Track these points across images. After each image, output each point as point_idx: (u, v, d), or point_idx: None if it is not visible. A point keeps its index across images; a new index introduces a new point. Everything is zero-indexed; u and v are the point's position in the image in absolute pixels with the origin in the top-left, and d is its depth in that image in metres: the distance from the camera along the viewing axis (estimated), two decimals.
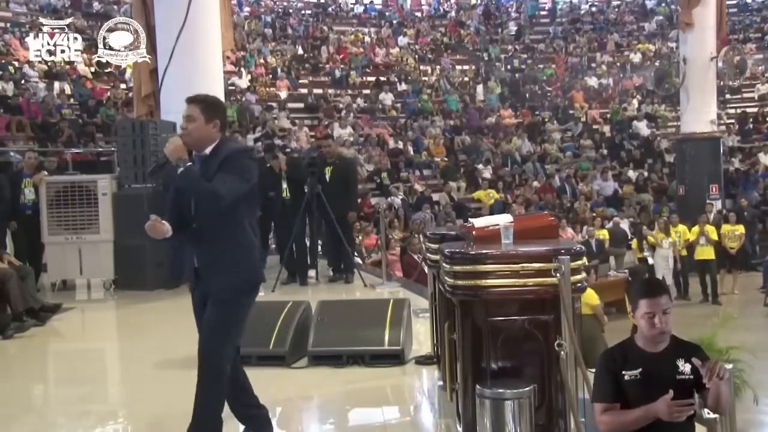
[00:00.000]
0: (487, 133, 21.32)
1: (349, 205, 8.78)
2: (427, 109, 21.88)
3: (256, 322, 5.30)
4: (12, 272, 6.69)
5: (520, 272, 3.14)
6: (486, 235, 3.60)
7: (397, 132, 20.58)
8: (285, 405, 4.66)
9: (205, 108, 3.40)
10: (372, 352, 5.06)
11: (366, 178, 17.31)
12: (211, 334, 3.39)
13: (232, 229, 3.41)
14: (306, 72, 22.90)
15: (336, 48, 24.17)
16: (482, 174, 18.70)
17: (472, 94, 23.46)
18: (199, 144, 3.41)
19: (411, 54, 25.05)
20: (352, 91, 22.27)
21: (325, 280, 8.67)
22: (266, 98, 20.59)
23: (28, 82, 16.55)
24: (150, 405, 4.67)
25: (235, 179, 3.33)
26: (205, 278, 3.43)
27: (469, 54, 26.30)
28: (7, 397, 5.06)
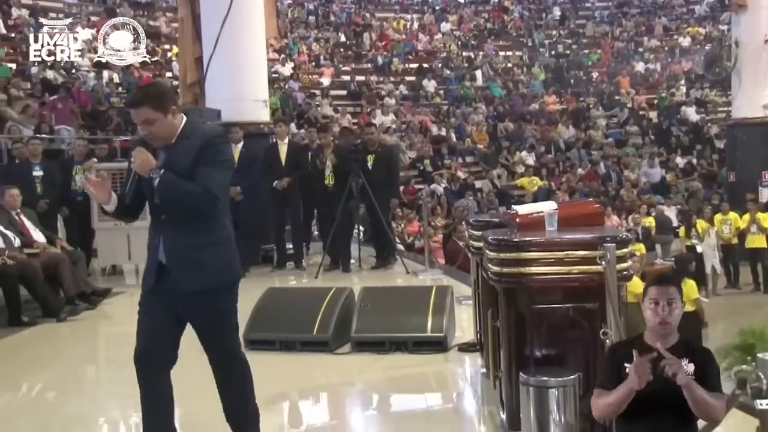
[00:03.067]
0: (531, 119, 21.10)
1: (391, 192, 8.79)
2: (469, 95, 21.74)
3: (300, 309, 5.39)
4: (64, 257, 6.86)
5: (565, 260, 3.12)
6: (530, 223, 3.58)
7: (440, 119, 20.50)
8: (328, 390, 4.70)
9: (155, 103, 3.03)
10: (415, 338, 5.07)
11: (408, 166, 17.29)
12: (222, 338, 3.25)
13: (208, 224, 3.10)
14: (348, 59, 22.92)
15: (378, 35, 24.13)
16: (525, 161, 18.54)
17: (516, 81, 23.22)
18: (167, 140, 3.09)
19: (454, 40, 24.87)
20: (395, 78, 22.23)
21: (367, 267, 8.70)
22: (309, 86, 20.68)
23: (78, 71, 16.88)
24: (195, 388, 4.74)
25: (221, 171, 3.09)
26: (175, 276, 3.09)
27: (513, 40, 26.01)
28: (59, 377, 5.21)
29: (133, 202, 3.21)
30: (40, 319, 6.47)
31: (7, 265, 6.36)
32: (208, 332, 3.21)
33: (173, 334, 3.23)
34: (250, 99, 9.30)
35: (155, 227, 3.16)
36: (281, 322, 5.28)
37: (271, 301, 5.51)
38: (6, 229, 6.80)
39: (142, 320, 3.20)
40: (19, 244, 6.82)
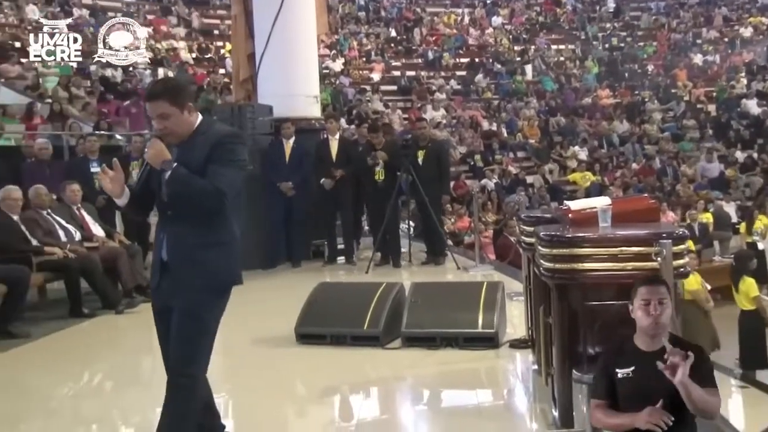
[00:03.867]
0: (583, 113, 20.79)
1: (441, 188, 8.77)
2: (521, 90, 21.54)
3: (351, 303, 5.43)
4: (122, 251, 7.03)
5: (619, 256, 3.08)
6: (583, 218, 3.54)
7: (491, 114, 20.36)
8: (379, 385, 4.73)
9: (172, 97, 2.96)
10: (465, 334, 5.06)
11: (459, 161, 17.23)
12: (181, 348, 2.98)
13: (214, 223, 3.02)
14: (399, 54, 22.92)
15: (429, 29, 24.07)
16: (577, 156, 18.29)
17: (568, 74, 22.91)
18: (182, 137, 3.02)
19: (505, 34, 24.65)
20: (445, 72, 22.15)
21: (417, 262, 8.71)
22: (360, 81, 20.75)
23: (135, 69, 17.26)
24: (248, 380, 4.83)
25: (232, 171, 3.00)
26: (175, 273, 3.01)
27: (565, 33, 25.65)
28: (117, 368, 5.35)
29: (142, 195, 3.13)
30: (99, 311, 6.65)
31: (69, 259, 6.56)
32: (176, 334, 2.98)
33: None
34: (302, 95, 9.37)
35: (161, 223, 3.11)
36: (332, 317, 5.32)
37: (323, 296, 5.55)
38: (67, 224, 7.00)
39: (158, 330, 3.13)
40: (80, 238, 7.02)
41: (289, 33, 9.13)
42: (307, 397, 4.57)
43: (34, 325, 6.18)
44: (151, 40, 19.28)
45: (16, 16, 17.83)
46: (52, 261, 6.52)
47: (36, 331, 6.02)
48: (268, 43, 9.14)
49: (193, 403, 3.01)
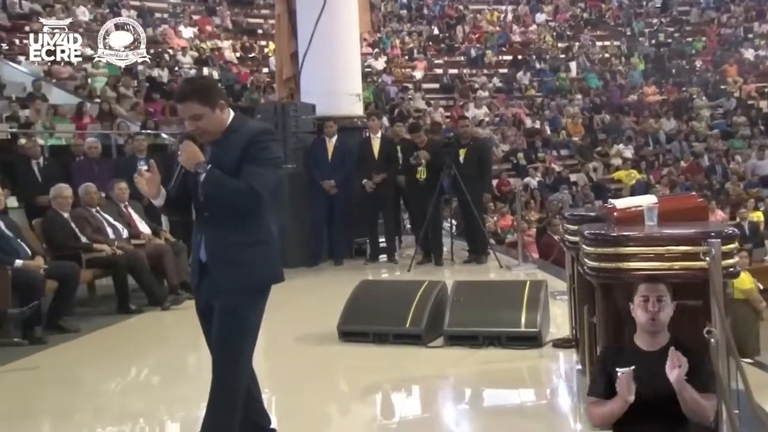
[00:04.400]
0: (629, 111, 20.47)
1: (483, 186, 8.73)
2: (565, 87, 21.30)
3: (393, 301, 5.43)
4: (168, 248, 7.15)
5: (666, 255, 3.03)
6: (628, 217, 3.49)
7: (534, 111, 20.19)
8: (421, 383, 4.72)
9: (203, 97, 2.92)
10: (508, 333, 5.02)
11: (501, 159, 17.13)
12: (223, 350, 2.99)
13: (250, 223, 2.99)
14: (441, 52, 22.86)
15: (472, 27, 23.95)
16: (622, 153, 18.03)
17: (614, 71, 22.58)
18: (215, 135, 2.99)
19: (549, 31, 24.40)
20: (488, 70, 22.02)
21: (460, 261, 8.68)
22: (402, 79, 20.75)
23: (181, 69, 17.53)
24: (291, 377, 4.87)
25: (267, 169, 2.96)
26: (214, 274, 3.00)
27: (611, 29, 25.28)
28: (164, 363, 5.45)
29: (179, 197, 3.11)
30: (146, 307, 6.77)
31: (117, 256, 6.69)
32: (217, 335, 2.99)
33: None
34: (344, 93, 9.41)
35: (198, 225, 3.08)
36: (374, 315, 5.33)
37: (365, 294, 5.57)
38: (115, 221, 7.15)
39: (203, 328, 3.14)
40: (127, 235, 7.15)
41: (331, 32, 9.17)
42: (349, 395, 4.59)
43: (84, 321, 6.32)
44: (196, 40, 19.59)
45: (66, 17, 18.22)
46: (100, 258, 6.66)
47: (85, 326, 6.15)
48: (311, 42, 9.20)
49: (238, 402, 3.01)
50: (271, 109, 9.30)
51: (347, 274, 7.87)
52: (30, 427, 4.13)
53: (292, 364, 5.13)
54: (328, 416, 4.27)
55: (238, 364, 3.00)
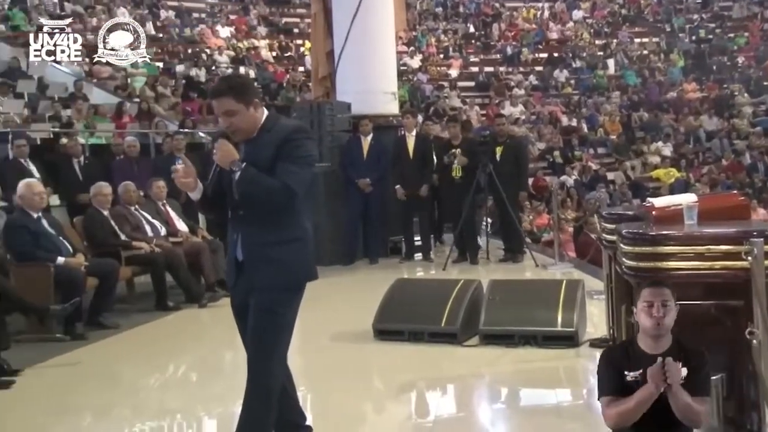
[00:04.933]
0: (668, 108, 20.16)
1: (519, 184, 8.68)
2: (602, 84, 21.06)
3: (428, 300, 5.42)
4: (205, 246, 7.23)
5: (706, 255, 2.99)
6: (667, 216, 3.45)
7: (571, 109, 20.00)
8: (456, 382, 4.71)
9: (239, 94, 2.93)
10: (544, 333, 4.98)
11: (537, 157, 16.99)
12: (257, 348, 3.00)
13: (286, 221, 3.00)
14: (477, 50, 22.76)
15: (508, 25, 23.79)
16: (661, 151, 17.77)
17: (652, 68, 22.25)
18: (249, 133, 3.00)
19: (586, 28, 24.13)
20: (524, 68, 21.86)
21: (495, 259, 8.63)
22: (437, 77, 20.71)
23: (218, 68, 17.71)
24: (326, 375, 4.89)
25: (302, 168, 2.96)
26: (250, 273, 3.02)
27: (649, 26, 24.90)
28: (201, 360, 5.51)
29: (215, 195, 3.10)
30: (183, 304, 6.86)
31: (155, 253, 6.78)
32: (252, 332, 3.01)
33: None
34: (380, 91, 9.43)
35: (233, 223, 3.09)
36: (410, 313, 5.33)
37: (400, 292, 5.57)
38: (153, 219, 7.25)
39: (239, 326, 3.16)
40: (165, 233, 7.25)
41: (367, 30, 9.19)
42: (384, 393, 4.60)
43: (123, 317, 6.42)
44: (232, 40, 19.78)
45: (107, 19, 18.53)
46: (139, 255, 6.76)
47: (124, 323, 6.25)
48: (346, 41, 9.23)
49: (273, 399, 3.03)
50: (306, 108, 9.37)
51: (382, 273, 7.88)
52: (72, 422, 4.21)
53: (327, 362, 5.15)
54: (362, 414, 4.28)
55: (272, 362, 3.01)
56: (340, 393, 4.48)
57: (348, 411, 4.19)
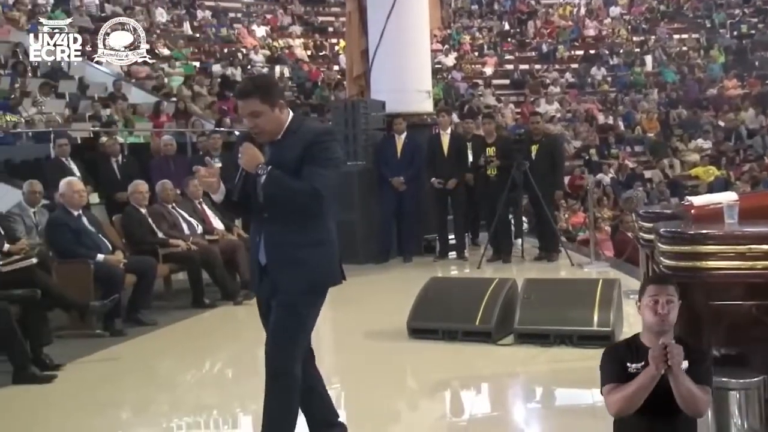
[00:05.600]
0: (707, 105, 19.81)
1: (555, 182, 8.61)
2: (639, 82, 20.77)
3: (463, 298, 5.41)
4: (240, 243, 7.29)
5: (747, 254, 2.93)
6: (706, 214, 3.40)
7: (607, 107, 19.77)
8: (490, 381, 4.69)
9: (264, 94, 2.90)
10: (580, 332, 4.94)
11: (573, 155, 16.83)
12: (276, 340, 2.99)
13: (311, 223, 2.98)
14: (512, 48, 22.62)
15: (543, 22, 23.61)
16: (700, 149, 17.47)
17: (691, 65, 21.89)
18: (274, 135, 2.97)
19: (623, 25, 23.84)
20: (560, 65, 21.67)
21: (530, 258, 8.57)
22: (472, 75, 20.62)
23: (253, 67, 17.85)
24: (361, 373, 4.91)
25: (329, 170, 2.94)
26: (274, 275, 3.00)
27: (689, 21, 24.50)
28: (236, 357, 5.57)
29: (240, 198, 3.07)
30: (219, 302, 6.92)
31: (192, 251, 6.86)
32: (272, 327, 3.00)
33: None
34: (414, 90, 9.41)
35: (257, 226, 3.07)
36: (444, 312, 5.32)
37: (434, 291, 5.56)
38: (190, 217, 7.33)
39: (264, 325, 3.12)
40: (202, 231, 7.33)
41: (402, 29, 9.18)
42: (418, 391, 4.61)
43: (160, 314, 6.51)
44: (268, 39, 19.93)
45: (146, 19, 18.80)
46: (176, 253, 6.83)
47: (162, 320, 6.33)
48: (381, 39, 9.23)
49: (294, 395, 3.03)
50: (341, 107, 9.39)
51: (416, 271, 7.88)
52: (111, 416, 4.28)
53: (361, 360, 5.17)
54: (397, 412, 4.29)
55: (292, 360, 2.99)
56: (374, 391, 4.49)
57: (382, 409, 4.20)
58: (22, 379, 4.59)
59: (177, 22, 19.34)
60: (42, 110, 10.75)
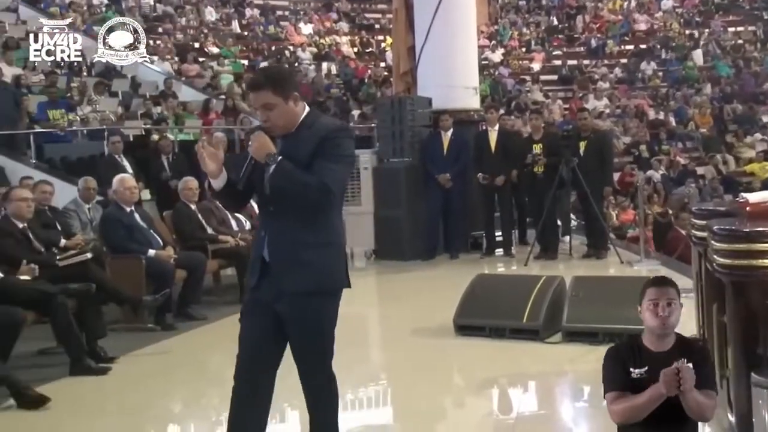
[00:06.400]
0: (764, 100, 19.29)
1: (603, 179, 8.49)
2: (692, 76, 20.33)
3: (510, 296, 5.38)
4: None
5: None
6: (762, 212, 3.33)
7: (658, 102, 19.40)
8: (538, 379, 4.66)
9: (277, 86, 2.76)
10: (630, 331, 4.79)
11: (623, 152, 16.58)
12: (311, 359, 2.90)
13: (319, 222, 2.82)
14: (560, 43, 22.36)
15: (592, 16, 23.28)
16: (756, 145, 17.03)
17: (747, 58, 21.33)
18: (288, 128, 2.83)
19: (675, 18, 23.35)
20: (609, 60, 21.35)
21: (578, 255, 8.48)
22: (519, 71, 20.46)
23: (301, 65, 18.00)
24: (407, 369, 4.92)
25: (340, 166, 2.80)
26: (277, 275, 2.82)
27: (745, 14, 23.88)
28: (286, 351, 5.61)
29: (245, 188, 2.94)
30: None
31: (240, 247, 6.93)
32: (302, 340, 2.88)
33: (276, 341, 2.91)
34: (461, 86, 9.37)
35: (262, 221, 2.94)
36: (491, 309, 5.30)
37: (481, 288, 5.54)
38: (238, 213, 7.41)
39: (243, 327, 2.94)
40: (250, 227, 7.41)
41: (449, 25, 9.16)
42: (465, 389, 4.59)
43: (210, 309, 6.61)
44: (315, 36, 20.06)
45: (196, 18, 19.11)
46: (225, 249, 6.92)
47: (211, 315, 6.42)
48: (428, 36, 9.22)
49: (337, 399, 3.01)
50: (387, 103, 9.41)
51: (463, 268, 7.85)
52: (163, 407, 4.38)
53: (408, 357, 5.18)
54: (443, 409, 4.29)
55: (327, 365, 2.94)
56: (420, 388, 4.49)
57: (428, 406, 4.21)
58: (79, 370, 4.71)
59: (226, 21, 19.61)
60: (96, 109, 11.02)
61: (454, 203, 8.70)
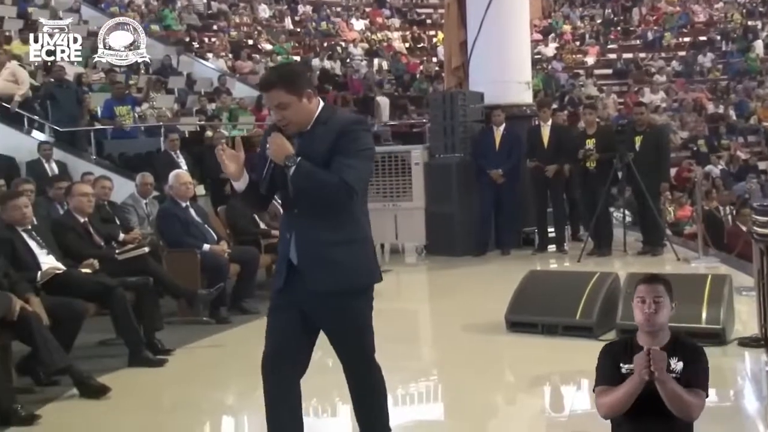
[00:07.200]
0: None
1: (660, 175, 8.32)
2: (754, 68, 19.74)
3: (563, 292, 5.31)
4: None
5: None
6: None
7: (717, 96, 18.90)
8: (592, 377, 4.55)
9: (290, 85, 2.71)
10: (688, 329, 4.72)
11: (680, 146, 16.22)
12: (357, 359, 2.95)
13: (344, 220, 2.78)
14: (615, 36, 21.95)
15: (649, 8, 22.80)
16: None
17: None
18: (303, 125, 2.77)
19: (737, 8, 22.70)
20: (666, 53, 20.88)
21: (633, 252, 8.33)
22: (573, 65, 20.18)
23: (352, 60, 18.07)
24: (459, 365, 4.90)
25: (360, 162, 2.74)
26: (305, 275, 2.78)
27: None
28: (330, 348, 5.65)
29: (268, 191, 2.89)
30: None
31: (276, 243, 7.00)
32: (341, 338, 2.91)
33: (305, 337, 2.90)
34: (514, 81, 9.30)
35: (287, 222, 2.88)
36: (543, 305, 5.24)
37: (533, 284, 5.48)
38: None
39: (270, 323, 2.93)
40: None
41: (501, 19, 9.08)
42: (516, 385, 4.56)
43: (263, 303, 6.62)
44: (367, 32, 20.12)
45: (250, 16, 19.34)
46: (277, 243, 6.98)
47: (264, 309, 6.40)
48: (480, 31, 9.16)
49: (385, 392, 3.04)
50: (439, 98, 9.39)
51: (514, 264, 7.79)
52: (218, 399, 4.45)
53: (459, 353, 5.16)
54: (494, 406, 4.26)
55: (371, 361, 2.97)
56: (472, 384, 4.48)
57: (480, 402, 4.19)
58: (137, 362, 4.82)
59: (279, 18, 19.81)
60: (153, 105, 11.25)
61: (505, 199, 8.63)
